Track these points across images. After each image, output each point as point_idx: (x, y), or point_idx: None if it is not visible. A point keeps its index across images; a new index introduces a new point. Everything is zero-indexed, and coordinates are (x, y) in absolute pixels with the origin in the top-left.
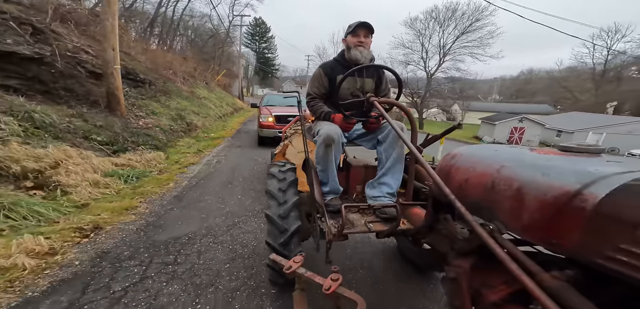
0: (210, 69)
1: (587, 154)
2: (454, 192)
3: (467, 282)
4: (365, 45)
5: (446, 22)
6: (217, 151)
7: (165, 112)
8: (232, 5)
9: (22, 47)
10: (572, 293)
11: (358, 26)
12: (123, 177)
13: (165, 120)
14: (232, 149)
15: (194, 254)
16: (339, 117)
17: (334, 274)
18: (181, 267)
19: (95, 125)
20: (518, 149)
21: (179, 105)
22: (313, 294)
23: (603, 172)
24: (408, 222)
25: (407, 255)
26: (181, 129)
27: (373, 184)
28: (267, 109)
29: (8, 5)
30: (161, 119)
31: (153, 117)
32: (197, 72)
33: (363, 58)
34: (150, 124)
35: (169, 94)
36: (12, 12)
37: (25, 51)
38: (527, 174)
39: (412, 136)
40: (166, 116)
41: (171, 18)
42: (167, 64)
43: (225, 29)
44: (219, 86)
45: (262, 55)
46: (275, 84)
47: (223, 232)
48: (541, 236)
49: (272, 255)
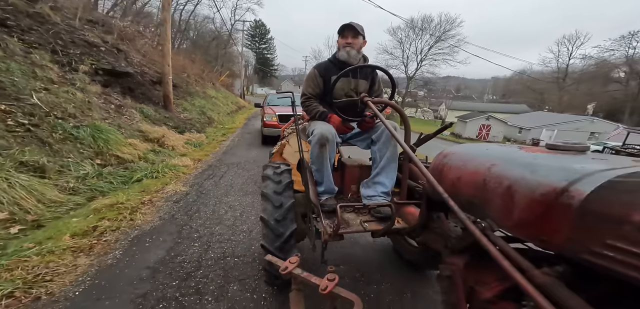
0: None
1: (573, 152)
2: (447, 191)
3: (461, 279)
4: (353, 46)
5: (422, 33)
6: (235, 136)
7: (192, 109)
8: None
9: (121, 65)
10: (562, 288)
11: (344, 28)
12: (191, 144)
13: (195, 115)
14: (244, 135)
15: (240, 168)
16: (337, 120)
17: (330, 274)
18: (239, 170)
19: (164, 116)
20: (508, 148)
21: (200, 104)
22: (310, 294)
23: (589, 170)
24: (403, 221)
25: (402, 254)
26: (205, 122)
27: (368, 184)
28: (271, 109)
29: (103, 33)
30: (192, 114)
31: (186, 113)
32: (205, 73)
33: (351, 59)
34: (188, 117)
35: (192, 95)
36: (105, 38)
37: (126, 69)
38: (517, 172)
39: (406, 135)
40: (194, 112)
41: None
42: (181, 68)
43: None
44: (223, 85)
45: (261, 55)
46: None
47: (250, 163)
48: (531, 232)
49: (267, 256)
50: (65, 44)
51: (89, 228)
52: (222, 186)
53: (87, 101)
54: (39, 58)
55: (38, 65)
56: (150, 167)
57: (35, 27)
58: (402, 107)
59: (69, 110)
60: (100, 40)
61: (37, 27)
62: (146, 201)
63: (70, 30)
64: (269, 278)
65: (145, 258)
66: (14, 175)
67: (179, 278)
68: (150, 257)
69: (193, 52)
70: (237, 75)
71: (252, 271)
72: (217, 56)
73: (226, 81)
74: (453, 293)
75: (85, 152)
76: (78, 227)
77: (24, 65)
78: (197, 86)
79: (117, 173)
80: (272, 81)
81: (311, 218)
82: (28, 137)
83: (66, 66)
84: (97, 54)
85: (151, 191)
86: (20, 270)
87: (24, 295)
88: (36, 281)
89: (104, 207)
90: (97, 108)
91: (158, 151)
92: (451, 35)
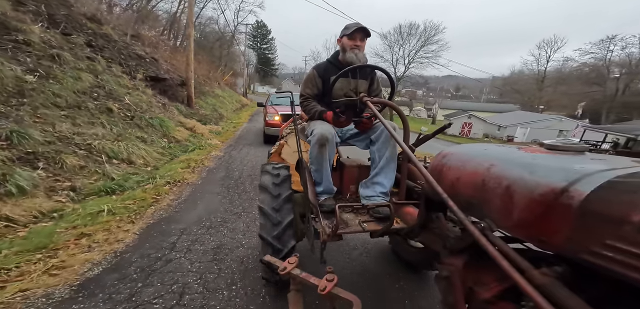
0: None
1: (572, 152)
2: (446, 191)
3: (460, 280)
4: (360, 49)
5: (409, 37)
6: (243, 128)
7: (207, 106)
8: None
9: (161, 73)
10: (561, 289)
11: (356, 30)
12: (214, 133)
13: (209, 111)
14: (250, 127)
15: (251, 142)
16: (330, 115)
17: (329, 274)
18: (250, 148)
19: (190, 112)
20: (506, 148)
21: (212, 102)
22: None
23: (588, 170)
24: (401, 221)
25: (400, 254)
26: (218, 117)
27: (366, 184)
28: (274, 108)
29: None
30: (207, 111)
31: (203, 110)
32: (211, 74)
33: (358, 61)
34: (205, 113)
35: (205, 94)
36: (146, 50)
37: (164, 75)
38: (516, 172)
39: (405, 135)
40: (208, 109)
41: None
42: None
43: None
44: (226, 85)
45: (263, 55)
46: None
47: (257, 143)
48: (530, 233)
49: (266, 256)
50: (126, 57)
51: (185, 167)
52: (242, 152)
53: (149, 101)
54: (116, 70)
55: (117, 76)
56: (197, 144)
57: (106, 45)
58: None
59: (143, 107)
60: (144, 53)
61: (107, 45)
62: (204, 158)
63: (126, 45)
64: (267, 275)
65: (216, 175)
66: (137, 143)
67: (233, 180)
68: (219, 175)
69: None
70: (239, 74)
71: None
72: (221, 56)
73: (229, 80)
74: (452, 294)
75: (159, 133)
76: (180, 166)
77: (111, 76)
78: (206, 86)
79: (178, 147)
80: (273, 80)
81: (310, 218)
82: (131, 124)
83: (129, 75)
84: (145, 64)
85: (204, 155)
86: (168, 177)
87: (176, 183)
88: (178, 179)
89: (186, 160)
90: (155, 106)
91: (194, 136)
92: (435, 41)
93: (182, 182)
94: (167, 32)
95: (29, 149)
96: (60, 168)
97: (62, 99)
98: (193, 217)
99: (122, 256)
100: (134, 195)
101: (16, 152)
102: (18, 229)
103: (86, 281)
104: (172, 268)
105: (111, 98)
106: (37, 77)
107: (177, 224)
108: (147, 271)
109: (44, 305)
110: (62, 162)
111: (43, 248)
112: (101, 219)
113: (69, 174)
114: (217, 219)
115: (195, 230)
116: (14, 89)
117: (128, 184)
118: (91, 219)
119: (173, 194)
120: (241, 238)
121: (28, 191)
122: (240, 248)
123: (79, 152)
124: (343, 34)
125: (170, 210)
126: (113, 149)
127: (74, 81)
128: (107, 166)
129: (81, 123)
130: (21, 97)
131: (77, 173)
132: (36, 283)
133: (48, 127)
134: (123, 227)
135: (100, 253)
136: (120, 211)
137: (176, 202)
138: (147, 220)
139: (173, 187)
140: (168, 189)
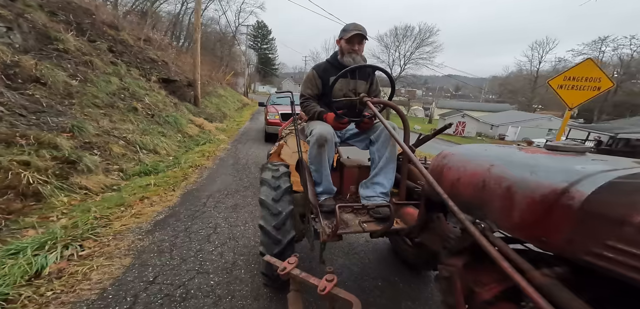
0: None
1: (573, 153)
2: (446, 191)
3: (460, 280)
4: (358, 52)
5: (404, 39)
6: (245, 126)
7: (211, 106)
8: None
9: (171, 75)
10: (561, 289)
11: (354, 36)
12: (220, 129)
13: (214, 110)
14: (252, 125)
15: (254, 138)
16: (331, 116)
17: (328, 275)
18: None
19: (197, 110)
20: (507, 149)
21: (216, 102)
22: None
23: (589, 171)
24: (401, 221)
25: (401, 254)
26: (222, 115)
27: (366, 184)
28: (274, 108)
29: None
30: (212, 110)
31: (208, 109)
32: (213, 74)
33: (355, 64)
34: (211, 112)
35: (209, 94)
36: (157, 53)
37: (174, 77)
38: (516, 173)
39: (405, 135)
40: (213, 108)
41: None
42: (193, 69)
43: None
44: (228, 84)
45: (263, 55)
46: (275, 82)
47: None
48: (531, 233)
49: (266, 256)
50: (141, 61)
51: (201, 156)
52: (246, 146)
53: (163, 100)
54: (134, 73)
55: (136, 79)
56: (206, 138)
57: (125, 50)
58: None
59: (159, 106)
60: (156, 56)
61: (125, 50)
62: (215, 150)
63: (140, 49)
64: (268, 271)
65: (227, 162)
66: (159, 137)
67: (241, 165)
68: (229, 162)
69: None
70: (240, 74)
71: None
72: (222, 57)
73: (231, 80)
74: (452, 294)
75: (174, 129)
76: (196, 156)
77: (131, 79)
78: (210, 86)
79: (191, 141)
80: (273, 79)
81: (310, 219)
82: (152, 121)
83: (145, 77)
84: (157, 67)
85: (215, 148)
86: (190, 163)
87: (196, 167)
88: (198, 164)
89: (200, 151)
90: (168, 105)
91: (203, 132)
92: (430, 42)
93: (201, 167)
94: (170, 34)
95: (86, 140)
96: (109, 155)
97: (100, 99)
98: (214, 188)
99: (174, 210)
100: (167, 175)
101: (78, 142)
102: (93, 197)
103: (157, 221)
104: (207, 215)
105: (134, 99)
106: (78, 81)
107: (204, 192)
108: (192, 217)
109: (138, 230)
110: (110, 150)
111: (121, 205)
112: (150, 189)
113: (115, 159)
114: (232, 188)
115: (218, 195)
116: (64, 91)
117: (159, 168)
118: (143, 189)
119: (196, 174)
120: (250, 200)
121: (93, 170)
122: (250, 205)
123: (119, 142)
124: (341, 36)
125: (197, 184)
126: (142, 141)
127: (106, 84)
128: (141, 153)
129: (116, 120)
130: (70, 98)
131: (121, 159)
132: (129, 221)
133: (93, 122)
134: (168, 194)
135: (160, 206)
136: (162, 184)
137: (200, 180)
138: (182, 190)
139: (195, 170)
140: (192, 171)
